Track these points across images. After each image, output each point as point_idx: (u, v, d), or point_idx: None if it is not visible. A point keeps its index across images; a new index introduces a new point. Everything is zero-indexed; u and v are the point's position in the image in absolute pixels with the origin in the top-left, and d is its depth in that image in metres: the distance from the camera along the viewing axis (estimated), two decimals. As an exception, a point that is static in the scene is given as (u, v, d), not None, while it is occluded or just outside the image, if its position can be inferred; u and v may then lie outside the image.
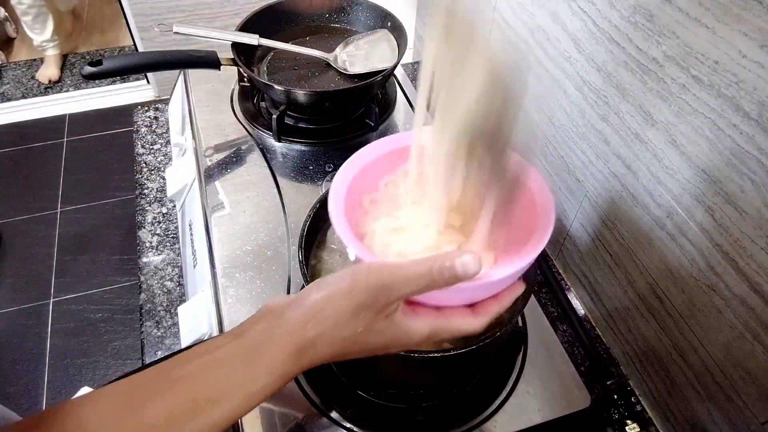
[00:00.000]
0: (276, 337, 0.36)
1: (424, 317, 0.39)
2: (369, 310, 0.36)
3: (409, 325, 0.38)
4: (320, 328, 0.36)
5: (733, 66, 0.44)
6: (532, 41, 0.74)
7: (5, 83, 2.54)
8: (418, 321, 0.39)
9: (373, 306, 0.36)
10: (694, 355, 0.57)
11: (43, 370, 1.62)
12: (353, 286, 0.36)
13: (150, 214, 0.85)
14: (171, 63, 0.82)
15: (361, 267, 0.37)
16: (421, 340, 0.39)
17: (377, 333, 0.37)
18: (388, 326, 0.37)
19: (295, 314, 0.37)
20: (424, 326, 0.39)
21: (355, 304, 0.36)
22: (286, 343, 0.36)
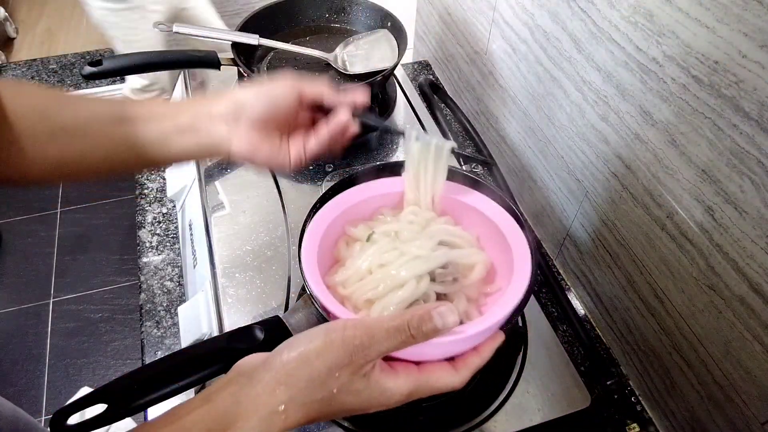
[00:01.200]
0: (244, 402, 0.34)
1: (404, 375, 0.37)
2: (344, 370, 0.34)
3: (388, 385, 0.37)
4: (292, 391, 0.34)
5: (733, 66, 0.44)
6: (532, 41, 0.74)
7: (5, 83, 2.54)
8: (398, 379, 0.37)
9: (349, 366, 0.34)
10: (694, 355, 0.57)
11: (43, 370, 1.62)
12: (327, 344, 0.35)
13: (150, 214, 0.85)
14: (171, 63, 0.82)
15: (336, 325, 0.36)
16: (400, 399, 0.37)
17: (354, 394, 0.36)
18: (365, 386, 0.36)
19: (265, 377, 0.35)
20: (404, 384, 0.37)
21: (329, 365, 0.34)
22: (255, 408, 0.34)
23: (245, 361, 0.37)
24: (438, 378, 0.38)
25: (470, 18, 0.93)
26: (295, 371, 0.35)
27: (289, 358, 0.35)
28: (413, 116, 0.89)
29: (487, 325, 0.41)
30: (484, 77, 0.92)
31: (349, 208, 0.53)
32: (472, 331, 0.40)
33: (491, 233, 0.52)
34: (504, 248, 0.49)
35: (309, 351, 0.35)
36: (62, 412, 0.41)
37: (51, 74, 2.58)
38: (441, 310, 0.35)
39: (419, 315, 0.35)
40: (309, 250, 0.47)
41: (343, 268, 0.49)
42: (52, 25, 2.90)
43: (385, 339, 0.34)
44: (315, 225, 0.50)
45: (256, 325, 0.48)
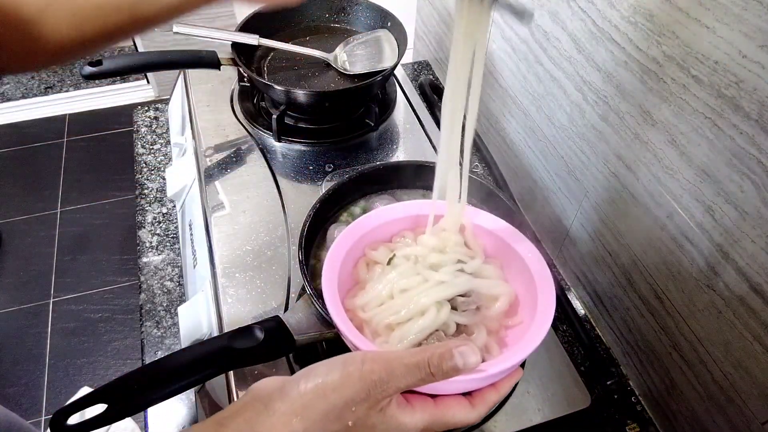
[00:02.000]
0: (259, 431, 0.34)
1: (420, 409, 0.37)
2: (361, 405, 0.34)
3: (404, 419, 0.36)
4: (307, 423, 0.34)
5: (733, 66, 0.44)
6: (532, 41, 0.74)
7: (5, 83, 2.54)
8: (414, 414, 0.37)
9: (366, 400, 0.34)
10: (694, 355, 0.57)
11: (43, 370, 1.62)
12: (345, 377, 0.34)
13: (150, 214, 0.85)
14: (171, 63, 0.82)
15: (355, 357, 0.35)
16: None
17: (369, 428, 0.35)
18: (381, 421, 0.35)
19: (281, 407, 0.35)
20: (420, 420, 0.37)
21: (346, 399, 0.34)
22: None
23: (261, 385, 0.37)
24: (454, 414, 0.38)
25: (470, 18, 0.92)
26: (312, 403, 0.34)
27: (306, 389, 0.35)
28: (413, 116, 0.89)
29: (509, 365, 0.40)
30: (484, 77, 0.92)
31: (369, 231, 0.52)
32: (494, 370, 0.39)
33: (515, 264, 0.51)
34: (527, 280, 0.49)
35: (326, 384, 0.35)
36: (62, 412, 0.41)
37: (51, 74, 2.58)
38: (462, 349, 0.34)
39: (440, 353, 0.34)
40: (330, 276, 0.47)
41: (363, 292, 0.49)
42: (52, 25, 2.90)
43: (404, 375, 0.34)
44: (336, 248, 0.49)
45: (256, 325, 0.48)
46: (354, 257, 0.52)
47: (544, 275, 0.48)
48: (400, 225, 0.55)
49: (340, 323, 0.43)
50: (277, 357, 0.51)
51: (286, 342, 0.48)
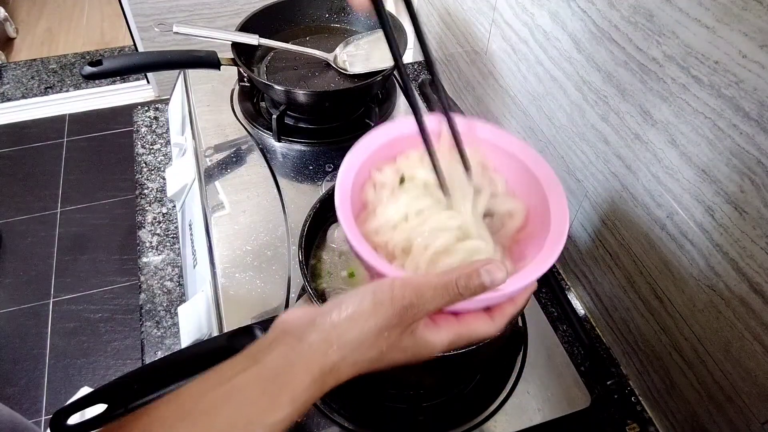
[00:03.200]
0: (298, 363, 0.35)
1: (445, 328, 0.38)
2: (394, 330, 0.35)
3: (432, 338, 0.38)
4: (344, 351, 0.35)
5: (733, 66, 0.44)
6: (532, 41, 0.74)
7: (5, 83, 2.54)
8: (440, 332, 0.38)
9: (398, 325, 0.35)
10: (694, 355, 0.57)
11: (43, 370, 1.62)
12: (377, 305, 0.35)
13: (150, 214, 0.85)
14: (171, 63, 0.82)
15: (384, 284, 0.36)
16: (442, 349, 0.38)
17: (401, 350, 0.37)
18: (412, 343, 0.37)
19: (317, 338, 0.35)
20: (445, 336, 0.38)
21: (380, 325, 0.35)
22: (308, 369, 0.35)
23: (288, 318, 0.38)
24: (476, 328, 0.39)
25: (470, 18, 0.93)
26: (346, 332, 0.35)
27: (340, 319, 0.36)
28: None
29: (530, 280, 0.41)
30: (484, 77, 0.92)
31: (374, 151, 0.50)
32: (516, 286, 0.40)
33: (520, 174, 0.49)
34: (534, 191, 0.47)
35: (359, 312, 0.35)
36: (62, 412, 0.41)
37: (51, 74, 2.58)
38: (489, 267, 0.35)
39: (467, 273, 0.35)
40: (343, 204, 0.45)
41: (374, 216, 0.48)
42: (52, 25, 2.90)
43: (434, 298, 0.35)
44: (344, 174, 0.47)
45: (256, 325, 0.48)
46: (360, 180, 0.50)
47: (552, 182, 0.47)
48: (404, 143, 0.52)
49: (365, 254, 0.42)
50: (277, 357, 0.51)
51: (286, 342, 0.48)
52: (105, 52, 2.75)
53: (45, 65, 2.64)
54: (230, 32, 0.84)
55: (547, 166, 0.48)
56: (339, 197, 0.45)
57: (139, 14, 1.98)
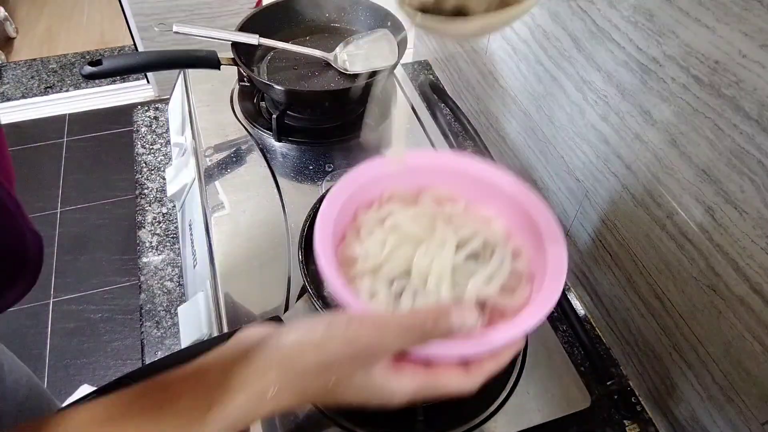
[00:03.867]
0: (234, 379, 0.33)
1: (410, 375, 0.35)
2: (344, 366, 0.33)
3: (391, 384, 0.34)
4: (283, 377, 0.33)
5: (733, 66, 0.44)
6: (532, 41, 0.74)
7: (5, 83, 2.54)
8: (402, 379, 0.35)
9: (349, 363, 0.33)
10: (694, 355, 0.57)
11: (43, 370, 1.62)
12: (326, 338, 0.33)
13: (150, 214, 0.85)
14: (171, 63, 0.82)
15: (340, 319, 0.34)
16: (403, 399, 0.35)
17: (352, 389, 0.34)
18: (365, 383, 0.34)
19: (259, 357, 0.34)
20: (408, 385, 0.35)
21: (327, 359, 0.33)
22: (243, 387, 0.33)
23: (246, 333, 0.36)
24: (447, 381, 0.36)
25: (470, 18, 0.92)
26: (289, 358, 0.33)
27: (286, 342, 0.34)
28: (413, 116, 0.89)
29: (515, 334, 0.37)
30: (484, 77, 0.92)
31: (360, 187, 0.49)
32: (499, 340, 0.37)
33: (517, 217, 0.47)
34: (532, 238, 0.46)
35: (306, 340, 0.34)
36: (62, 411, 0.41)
37: (51, 74, 2.58)
38: (461, 310, 0.33)
39: (436, 312, 0.33)
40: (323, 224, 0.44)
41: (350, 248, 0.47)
42: (52, 25, 2.90)
43: (396, 338, 0.33)
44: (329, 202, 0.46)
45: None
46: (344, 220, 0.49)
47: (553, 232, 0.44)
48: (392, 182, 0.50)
49: (331, 279, 0.40)
50: (277, 357, 0.51)
51: (286, 342, 0.48)
52: (105, 51, 2.75)
53: (45, 65, 2.64)
54: (230, 32, 0.84)
55: (547, 213, 0.46)
56: (319, 223, 0.44)
57: (139, 14, 1.98)
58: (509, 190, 0.48)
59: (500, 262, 0.45)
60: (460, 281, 0.43)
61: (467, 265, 0.44)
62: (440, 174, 0.51)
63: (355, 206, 0.49)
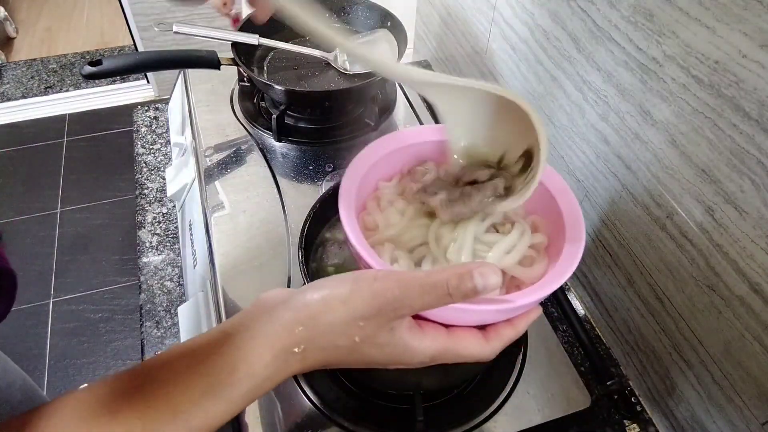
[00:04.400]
0: (260, 338, 0.33)
1: (432, 336, 0.35)
2: (370, 321, 0.33)
3: (414, 343, 0.34)
4: (311, 333, 0.33)
5: (733, 66, 0.44)
6: (532, 41, 0.74)
7: (5, 83, 2.54)
8: (424, 339, 0.35)
9: (376, 317, 0.33)
10: (694, 355, 0.57)
11: (43, 370, 1.62)
12: (354, 293, 0.33)
13: (150, 214, 0.85)
14: (171, 63, 0.82)
15: (366, 274, 0.34)
16: (423, 360, 0.35)
17: (377, 347, 0.34)
18: (389, 341, 0.34)
19: (285, 315, 0.34)
20: (430, 346, 0.35)
21: (354, 313, 0.33)
22: (271, 345, 0.33)
23: (267, 295, 0.36)
24: (466, 345, 0.36)
25: (470, 18, 0.93)
26: (317, 313, 0.33)
27: (312, 299, 0.34)
28: (413, 116, 0.89)
29: (534, 298, 0.37)
30: (484, 77, 0.92)
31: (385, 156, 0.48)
32: (519, 302, 0.36)
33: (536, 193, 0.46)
34: (547, 205, 0.45)
35: (333, 296, 0.33)
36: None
37: (51, 74, 2.59)
38: (483, 270, 0.31)
39: (459, 273, 0.32)
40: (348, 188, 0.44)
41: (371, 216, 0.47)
42: (52, 25, 2.90)
43: (419, 295, 0.32)
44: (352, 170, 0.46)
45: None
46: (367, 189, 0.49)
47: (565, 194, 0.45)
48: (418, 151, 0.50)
49: (354, 240, 0.39)
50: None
51: (286, 342, 0.48)
52: (105, 51, 2.75)
53: (45, 65, 2.64)
54: (230, 32, 0.84)
55: (563, 183, 0.46)
56: (344, 188, 0.44)
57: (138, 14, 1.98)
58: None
59: (520, 233, 0.45)
60: (481, 251, 0.43)
61: (487, 236, 0.45)
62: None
63: (376, 178, 0.50)
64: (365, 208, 0.49)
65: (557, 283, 0.39)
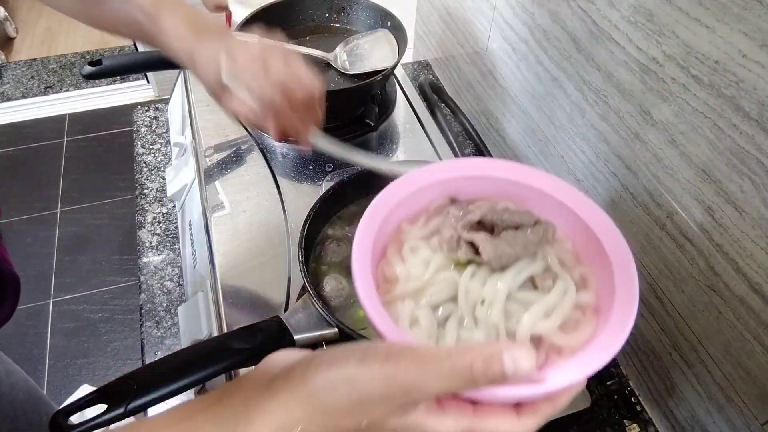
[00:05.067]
0: (255, 412, 0.30)
1: (454, 415, 0.30)
2: (379, 406, 0.29)
3: (432, 425, 0.30)
4: (310, 414, 0.30)
5: (733, 66, 0.44)
6: (532, 41, 0.74)
7: (5, 83, 2.54)
8: (445, 420, 0.30)
9: (385, 403, 0.29)
10: (694, 356, 0.57)
11: (43, 370, 1.62)
12: (361, 373, 0.29)
13: (150, 214, 0.85)
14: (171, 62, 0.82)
15: (378, 350, 0.30)
16: None
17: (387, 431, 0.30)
18: (403, 424, 0.30)
19: (284, 390, 0.31)
20: (452, 427, 0.30)
21: (359, 396, 0.29)
22: (267, 422, 0.30)
23: (273, 358, 0.34)
24: (496, 424, 0.31)
25: (470, 18, 0.93)
26: (319, 393, 0.30)
27: (315, 375, 0.30)
28: (413, 116, 0.89)
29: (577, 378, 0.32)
30: (484, 77, 0.92)
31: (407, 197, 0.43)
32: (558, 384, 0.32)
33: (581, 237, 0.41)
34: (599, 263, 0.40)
35: (338, 375, 0.30)
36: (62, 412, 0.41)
37: (51, 74, 2.58)
38: (515, 353, 0.28)
39: (486, 355, 0.28)
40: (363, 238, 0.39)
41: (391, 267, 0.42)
42: (52, 25, 2.90)
43: (437, 380, 0.28)
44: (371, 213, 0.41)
45: (256, 325, 0.48)
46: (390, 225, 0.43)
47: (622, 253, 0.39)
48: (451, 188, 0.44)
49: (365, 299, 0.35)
50: (277, 357, 0.51)
51: (286, 342, 0.48)
52: (105, 51, 2.75)
53: (45, 65, 2.64)
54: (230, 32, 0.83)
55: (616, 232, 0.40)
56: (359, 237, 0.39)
57: (139, 14, 1.97)
58: (572, 204, 0.42)
59: (562, 292, 0.38)
60: (515, 312, 0.37)
61: (523, 293, 0.38)
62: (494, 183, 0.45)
63: (399, 219, 0.44)
64: (385, 255, 0.43)
65: (606, 356, 0.33)
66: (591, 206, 0.41)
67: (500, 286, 0.37)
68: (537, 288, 0.39)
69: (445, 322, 0.38)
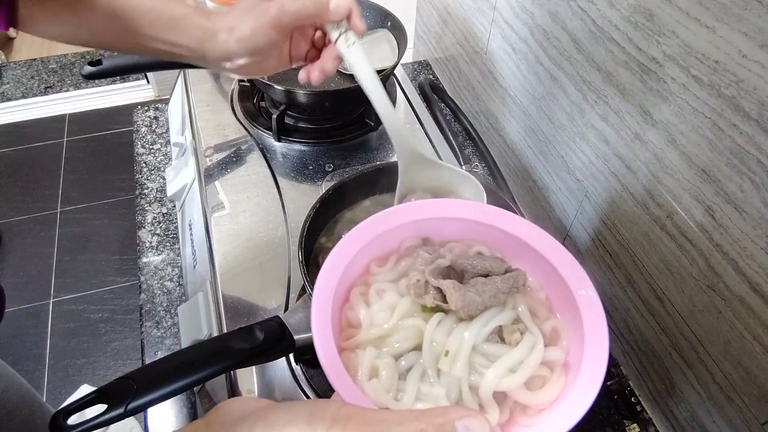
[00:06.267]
0: None
1: None
2: None
3: None
4: None
5: (733, 66, 0.44)
6: (532, 41, 0.74)
7: (5, 83, 2.54)
8: None
9: None
10: (694, 356, 0.57)
11: (43, 370, 1.62)
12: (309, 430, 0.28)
13: (150, 214, 0.85)
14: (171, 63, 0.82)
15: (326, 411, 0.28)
16: None
17: None
18: None
19: None
20: None
21: None
22: None
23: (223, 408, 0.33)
24: None
25: (470, 18, 0.93)
26: None
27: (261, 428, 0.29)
28: (413, 116, 0.89)
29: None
30: (484, 77, 0.92)
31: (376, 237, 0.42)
32: None
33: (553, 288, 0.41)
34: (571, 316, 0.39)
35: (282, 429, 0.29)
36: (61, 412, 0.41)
37: (51, 74, 2.58)
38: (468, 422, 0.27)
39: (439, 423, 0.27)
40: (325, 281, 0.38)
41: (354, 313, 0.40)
42: (52, 25, 2.90)
43: None
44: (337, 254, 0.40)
45: (256, 325, 0.48)
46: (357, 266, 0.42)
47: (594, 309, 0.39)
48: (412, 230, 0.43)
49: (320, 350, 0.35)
50: (277, 357, 0.51)
51: (286, 342, 0.48)
52: (105, 51, 2.75)
53: (45, 65, 2.64)
54: (230, 32, 0.83)
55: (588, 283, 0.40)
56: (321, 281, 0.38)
57: (139, 14, 1.97)
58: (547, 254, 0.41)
59: (530, 348, 0.37)
60: (480, 365, 0.36)
61: (489, 346, 0.37)
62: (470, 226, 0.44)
63: (368, 258, 0.42)
64: (349, 299, 0.41)
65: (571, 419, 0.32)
66: (566, 257, 0.40)
67: (466, 336, 0.36)
68: (503, 341, 0.38)
69: (406, 373, 0.37)
